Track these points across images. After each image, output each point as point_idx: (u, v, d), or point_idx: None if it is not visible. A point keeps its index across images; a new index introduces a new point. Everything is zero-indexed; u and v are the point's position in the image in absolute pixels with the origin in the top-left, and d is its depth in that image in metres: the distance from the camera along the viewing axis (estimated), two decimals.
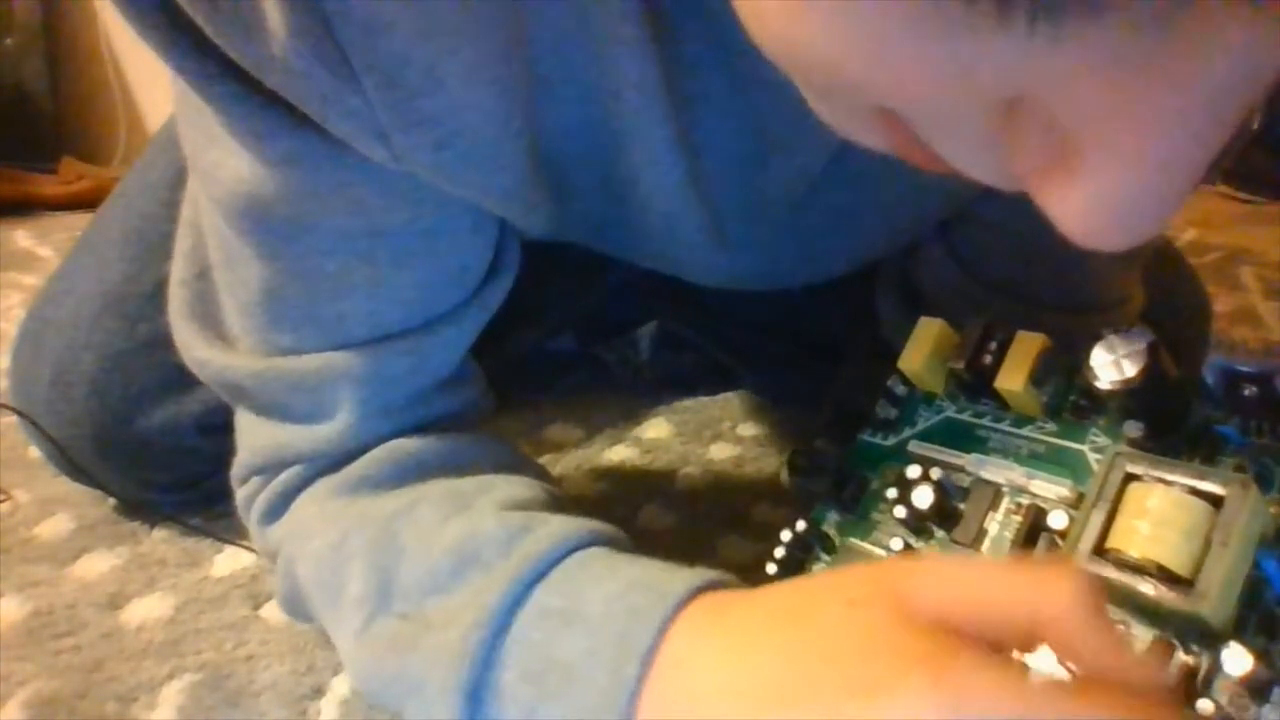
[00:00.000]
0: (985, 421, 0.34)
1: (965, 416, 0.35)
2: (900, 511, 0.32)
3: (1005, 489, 0.32)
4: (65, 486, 0.59)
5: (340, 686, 0.40)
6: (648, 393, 0.69)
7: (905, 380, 0.36)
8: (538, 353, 0.75)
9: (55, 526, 0.53)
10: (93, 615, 0.45)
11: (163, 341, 0.45)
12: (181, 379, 0.45)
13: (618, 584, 0.30)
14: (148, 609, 0.45)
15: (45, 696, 0.40)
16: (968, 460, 0.33)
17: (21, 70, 1.75)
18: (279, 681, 0.40)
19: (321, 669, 0.41)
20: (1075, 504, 0.30)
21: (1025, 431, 0.33)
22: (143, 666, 0.41)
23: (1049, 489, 0.31)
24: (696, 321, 0.69)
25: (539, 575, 0.31)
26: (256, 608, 0.45)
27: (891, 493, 0.33)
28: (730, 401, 0.70)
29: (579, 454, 0.63)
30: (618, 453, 0.63)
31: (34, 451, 0.64)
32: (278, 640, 0.43)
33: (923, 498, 0.32)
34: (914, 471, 0.33)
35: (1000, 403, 0.33)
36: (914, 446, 0.35)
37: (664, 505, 0.56)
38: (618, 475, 0.59)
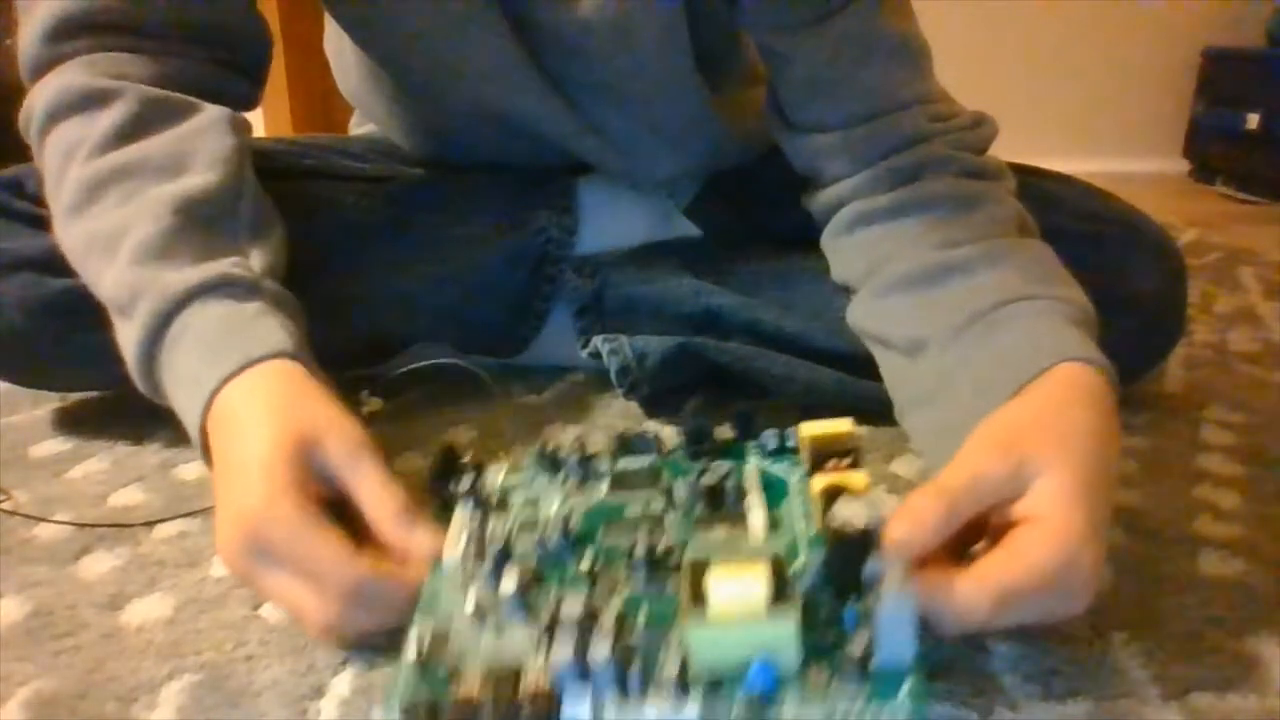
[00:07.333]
0: None
1: None
2: None
3: None
4: (65, 487, 0.59)
5: (340, 686, 0.40)
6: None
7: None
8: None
9: (55, 526, 0.53)
10: (93, 615, 0.45)
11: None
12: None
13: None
14: (148, 609, 0.45)
15: (45, 696, 0.40)
16: None
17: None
18: (279, 681, 0.40)
19: (321, 669, 0.41)
20: None
21: None
22: (143, 666, 0.41)
23: None
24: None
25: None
26: (256, 608, 0.45)
27: None
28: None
29: None
30: None
31: (34, 451, 0.64)
32: (278, 640, 0.43)
33: None
34: None
35: None
36: None
37: None
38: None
